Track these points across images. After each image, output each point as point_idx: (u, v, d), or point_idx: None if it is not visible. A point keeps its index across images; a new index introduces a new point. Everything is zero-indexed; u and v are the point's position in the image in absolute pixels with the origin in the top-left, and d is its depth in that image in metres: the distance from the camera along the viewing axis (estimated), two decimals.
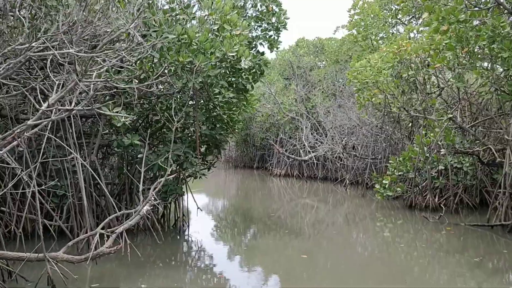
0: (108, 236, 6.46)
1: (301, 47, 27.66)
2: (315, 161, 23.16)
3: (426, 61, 11.52)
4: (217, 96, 8.75)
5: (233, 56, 8.09)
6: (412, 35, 13.54)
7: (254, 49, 10.76)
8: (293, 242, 10.21)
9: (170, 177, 6.76)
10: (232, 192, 21.94)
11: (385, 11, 17.07)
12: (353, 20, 15.45)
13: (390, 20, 16.40)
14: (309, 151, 23.38)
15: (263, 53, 10.73)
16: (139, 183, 7.76)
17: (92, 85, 5.77)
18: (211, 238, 10.82)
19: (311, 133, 24.30)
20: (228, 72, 8.81)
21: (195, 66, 7.73)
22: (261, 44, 10.73)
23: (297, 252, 9.39)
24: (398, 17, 16.09)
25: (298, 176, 24.52)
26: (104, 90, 8.85)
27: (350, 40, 15.78)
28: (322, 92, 24.62)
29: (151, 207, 6.68)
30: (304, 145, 23.88)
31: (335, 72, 24.43)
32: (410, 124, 16.50)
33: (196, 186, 22.72)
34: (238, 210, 15.51)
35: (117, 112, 7.78)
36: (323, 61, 26.71)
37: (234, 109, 11.24)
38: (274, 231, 11.45)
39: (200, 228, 11.61)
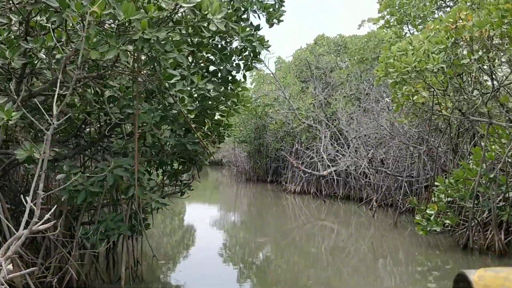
0: None
1: (321, 45, 24.21)
2: (335, 177, 19.62)
3: (493, 43, 8.01)
4: (171, 80, 5.36)
5: (192, 10, 4.75)
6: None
7: (246, 21, 7.45)
8: (309, 270, 8.93)
9: (43, 227, 3.40)
10: (244, 208, 19.33)
11: None
12: None
13: (428, 3, 12.96)
14: (328, 165, 19.85)
15: (258, 27, 7.39)
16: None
17: None
18: None
19: (331, 144, 20.79)
20: (190, 41, 5.48)
21: (122, 23, 4.43)
22: (255, 13, 7.39)
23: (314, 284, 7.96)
24: None
25: (315, 194, 20.98)
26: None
27: (381, 27, 12.40)
28: (344, 96, 21.11)
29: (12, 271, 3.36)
30: (322, 157, 20.36)
31: (360, 72, 20.90)
32: (455, 133, 12.89)
33: (210, 200, 19.97)
34: (250, 228, 14.17)
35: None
36: (345, 61, 23.22)
37: (223, 108, 8.01)
38: (287, 254, 10.28)
39: (187, 266, 9.33)
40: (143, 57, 5.60)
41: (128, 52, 5.09)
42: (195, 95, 7.22)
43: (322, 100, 22.32)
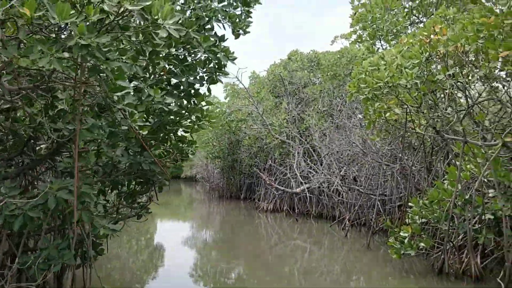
0: None
1: (294, 60, 23.96)
2: (308, 195, 19.15)
3: (468, 59, 7.71)
4: (120, 93, 4.77)
5: (141, 14, 4.22)
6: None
7: (210, 31, 6.97)
8: None
9: None
10: (216, 227, 18.58)
11: (395, 10, 13.46)
12: (357, 13, 11.77)
13: (401, 19, 12.73)
14: (301, 182, 19.40)
15: (222, 38, 6.91)
16: None
17: None
18: None
19: (304, 160, 20.39)
20: (141, 50, 4.93)
21: (59, 27, 3.87)
22: (219, 22, 6.91)
23: None
24: (414, 14, 12.41)
25: (288, 211, 20.47)
26: None
27: (353, 42, 12.13)
28: (317, 112, 20.80)
29: None
30: (295, 174, 19.91)
31: (332, 88, 20.66)
32: (429, 151, 12.61)
33: (182, 217, 19.12)
34: (222, 247, 13.56)
35: None
36: (318, 76, 22.99)
37: (186, 124, 7.47)
38: (259, 274, 9.93)
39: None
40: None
41: (71, 61, 4.53)
42: (156, 109, 6.69)
43: (296, 116, 21.99)
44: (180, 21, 5.74)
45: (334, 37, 20.62)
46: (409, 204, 9.45)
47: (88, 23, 3.92)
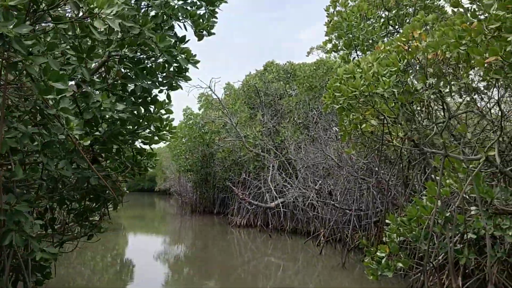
0: None
1: (270, 71, 23.45)
2: (282, 209, 18.50)
3: (449, 67, 7.24)
4: (49, 95, 4.04)
5: (74, 3, 3.54)
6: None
7: (169, 31, 6.32)
8: None
9: None
10: (188, 243, 17.82)
11: (371, 20, 13.08)
12: (333, 21, 11.31)
13: (377, 28, 12.33)
14: (276, 197, 18.75)
15: (183, 39, 6.28)
16: None
17: None
18: None
19: (279, 173, 19.77)
20: (79, 46, 4.23)
21: None
22: (178, 21, 6.27)
23: None
24: (390, 24, 12.06)
25: (262, 227, 19.79)
26: None
27: (329, 51, 11.66)
28: (293, 124, 20.28)
29: None
30: (270, 188, 19.26)
31: (308, 100, 20.19)
32: (406, 165, 12.13)
33: (154, 232, 18.26)
34: (194, 264, 13.00)
35: None
36: (294, 88, 22.51)
37: (144, 134, 6.79)
38: None
39: None
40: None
41: None
42: (107, 117, 5.98)
43: (271, 128, 21.42)
44: (132, 17, 5.09)
45: (310, 48, 20.23)
46: (386, 221, 8.88)
47: (3, 10, 3.23)
